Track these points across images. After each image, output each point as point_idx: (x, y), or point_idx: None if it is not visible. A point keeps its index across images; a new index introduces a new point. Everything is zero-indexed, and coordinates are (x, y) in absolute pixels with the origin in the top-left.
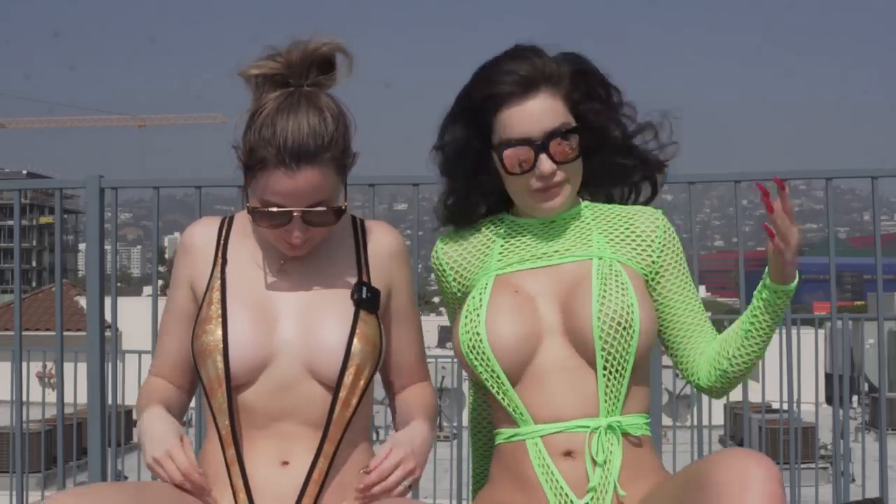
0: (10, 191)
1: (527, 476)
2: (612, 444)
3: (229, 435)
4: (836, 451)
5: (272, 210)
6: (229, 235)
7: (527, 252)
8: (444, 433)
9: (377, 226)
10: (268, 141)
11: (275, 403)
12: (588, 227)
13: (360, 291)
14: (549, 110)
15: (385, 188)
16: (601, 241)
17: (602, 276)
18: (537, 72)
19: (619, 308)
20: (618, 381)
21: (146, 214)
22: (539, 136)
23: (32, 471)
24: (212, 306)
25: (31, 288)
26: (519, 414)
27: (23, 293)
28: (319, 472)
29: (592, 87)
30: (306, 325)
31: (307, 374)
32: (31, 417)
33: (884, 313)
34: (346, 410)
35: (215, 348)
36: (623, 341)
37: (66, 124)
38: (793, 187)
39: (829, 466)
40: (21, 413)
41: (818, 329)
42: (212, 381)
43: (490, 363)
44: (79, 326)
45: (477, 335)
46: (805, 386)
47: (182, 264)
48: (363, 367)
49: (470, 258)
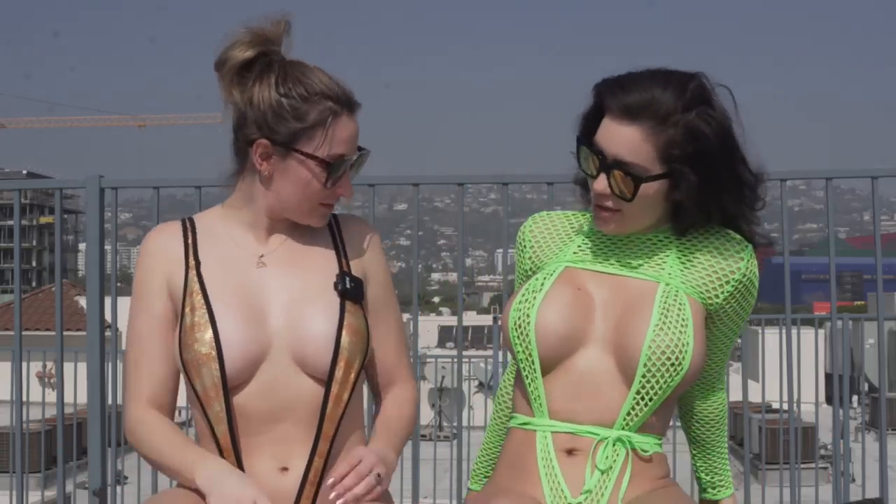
0: (10, 191)
1: (528, 468)
2: (617, 455)
3: (228, 443)
4: (836, 451)
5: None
6: (196, 237)
7: (602, 254)
8: (444, 433)
9: (350, 217)
10: (320, 95)
11: (269, 403)
12: (668, 248)
13: (343, 282)
14: (631, 143)
15: (385, 188)
16: (675, 265)
17: (665, 305)
18: (647, 107)
19: (672, 344)
20: (646, 407)
21: (146, 214)
22: (609, 157)
23: (32, 471)
24: (196, 312)
25: (31, 288)
26: (538, 405)
27: (23, 293)
28: (315, 471)
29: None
30: (294, 319)
31: (297, 369)
32: (31, 417)
33: (884, 313)
34: (338, 406)
35: (208, 356)
36: (668, 376)
37: (66, 124)
38: (793, 187)
39: (829, 466)
40: (21, 413)
41: (818, 329)
42: (207, 389)
43: (530, 346)
44: (79, 326)
45: (527, 316)
46: (805, 386)
47: (153, 270)
48: (352, 361)
49: (551, 241)
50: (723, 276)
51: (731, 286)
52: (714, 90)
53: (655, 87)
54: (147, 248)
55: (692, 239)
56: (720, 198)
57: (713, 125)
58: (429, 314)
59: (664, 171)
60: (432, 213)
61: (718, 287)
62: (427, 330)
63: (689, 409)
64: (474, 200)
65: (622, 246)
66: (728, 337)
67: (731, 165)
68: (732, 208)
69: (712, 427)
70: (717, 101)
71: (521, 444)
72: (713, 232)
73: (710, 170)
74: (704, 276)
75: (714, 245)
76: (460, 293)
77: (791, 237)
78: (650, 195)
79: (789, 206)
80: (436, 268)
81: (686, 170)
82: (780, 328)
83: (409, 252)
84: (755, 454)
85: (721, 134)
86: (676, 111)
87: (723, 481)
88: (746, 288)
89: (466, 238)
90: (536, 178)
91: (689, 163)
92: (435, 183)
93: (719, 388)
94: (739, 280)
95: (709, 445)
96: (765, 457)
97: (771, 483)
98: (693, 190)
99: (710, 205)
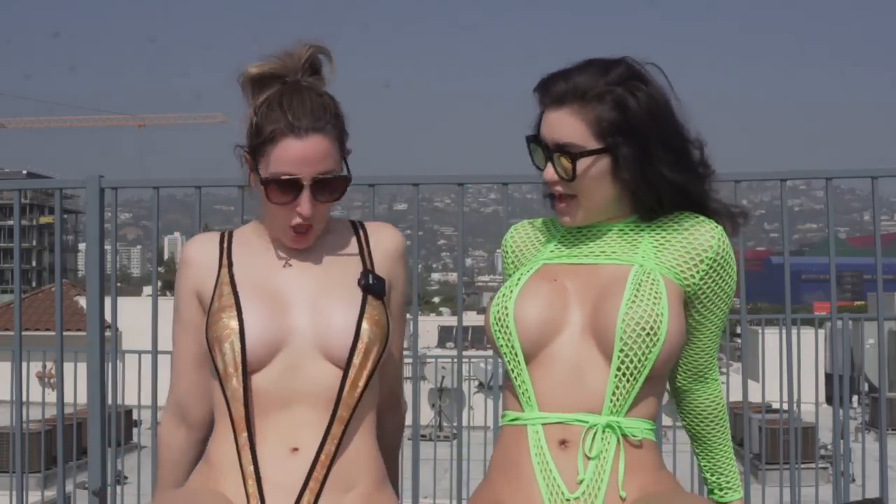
0: (10, 191)
1: (522, 466)
2: (608, 443)
3: (242, 420)
4: (836, 451)
5: (284, 178)
6: (231, 244)
7: (577, 249)
8: (444, 433)
9: (379, 225)
10: (276, 117)
11: (286, 385)
12: (640, 234)
13: (366, 278)
14: (563, 125)
15: (385, 188)
16: (648, 249)
17: (637, 281)
18: (572, 89)
19: (646, 314)
20: (629, 385)
21: (146, 214)
22: (550, 144)
23: (32, 471)
24: (223, 298)
25: (31, 288)
26: (527, 398)
27: (23, 293)
28: (327, 454)
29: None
30: (317, 310)
31: (318, 354)
32: (31, 417)
33: (884, 313)
34: (354, 390)
35: (232, 332)
36: (644, 346)
37: (66, 124)
38: (793, 187)
39: (829, 466)
40: (21, 413)
41: (818, 329)
42: (227, 366)
43: (511, 337)
44: (79, 326)
45: (505, 309)
46: (805, 386)
47: (185, 276)
48: (371, 347)
49: (530, 246)
50: (696, 255)
51: (706, 265)
52: (644, 68)
53: (579, 73)
54: (181, 257)
55: (664, 226)
56: (660, 168)
57: (639, 96)
58: (429, 314)
59: (600, 147)
60: (432, 213)
61: (693, 266)
62: (427, 330)
63: (684, 401)
64: (474, 200)
65: (596, 239)
66: (713, 322)
67: (664, 133)
68: (676, 177)
69: (709, 422)
70: (649, 77)
71: (513, 442)
72: (684, 217)
73: (643, 139)
74: (677, 256)
75: (685, 228)
76: (460, 293)
77: (791, 237)
78: (593, 174)
79: (789, 206)
80: (436, 268)
81: (619, 140)
82: (780, 328)
83: (409, 252)
84: (755, 454)
85: (649, 104)
86: (599, 87)
87: (730, 483)
88: (721, 266)
89: (466, 238)
90: (536, 178)
91: (622, 135)
92: (435, 183)
93: (712, 380)
94: (713, 258)
95: (708, 442)
96: (765, 457)
97: (771, 483)
98: (630, 162)
99: (653, 176)
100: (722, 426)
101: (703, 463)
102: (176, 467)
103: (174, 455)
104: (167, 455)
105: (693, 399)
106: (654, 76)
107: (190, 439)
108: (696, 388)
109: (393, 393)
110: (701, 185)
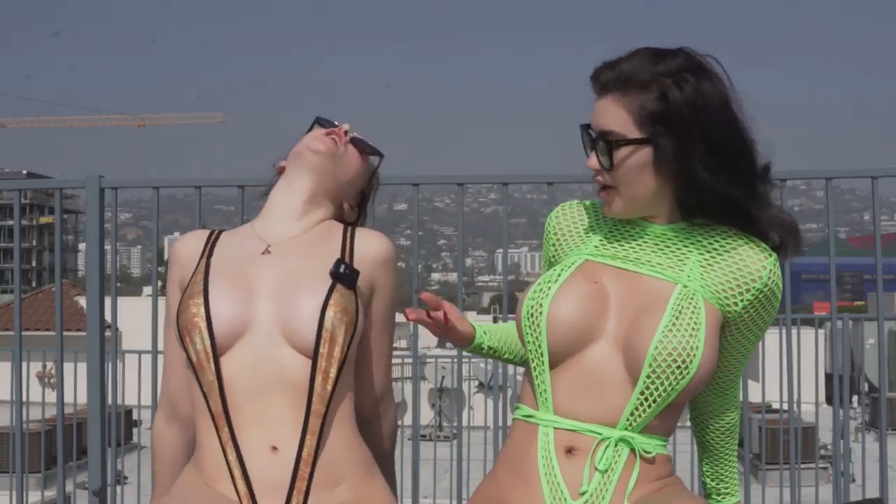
0: (10, 191)
1: (528, 467)
2: (619, 455)
3: (222, 415)
4: (836, 451)
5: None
6: (218, 239)
7: (622, 250)
8: (444, 433)
9: (369, 231)
10: None
11: (256, 375)
12: (689, 248)
13: (337, 266)
14: (606, 113)
15: (385, 188)
16: (696, 267)
17: (679, 306)
18: (619, 76)
19: (680, 347)
20: (651, 409)
21: (146, 214)
22: (595, 132)
23: (32, 471)
24: (195, 286)
25: (31, 288)
26: (543, 399)
27: (23, 293)
28: (309, 450)
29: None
30: (283, 297)
31: (283, 341)
32: (31, 417)
33: (884, 313)
34: (326, 382)
35: (200, 318)
36: (673, 379)
37: (66, 124)
38: (793, 187)
39: (829, 466)
40: (21, 413)
41: (818, 329)
42: (199, 355)
43: (540, 337)
44: (79, 326)
45: (539, 305)
46: (805, 386)
47: (171, 273)
48: (336, 333)
49: (575, 232)
50: (744, 283)
51: (752, 294)
52: (704, 60)
53: (627, 61)
54: (172, 252)
55: (715, 242)
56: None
57: (686, 89)
58: None
59: (641, 137)
60: (432, 213)
61: (738, 294)
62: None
63: (703, 415)
64: (474, 200)
65: (644, 243)
66: (745, 346)
67: (709, 132)
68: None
69: (722, 434)
70: (707, 73)
71: (523, 438)
72: (739, 237)
73: (684, 134)
74: (725, 281)
75: (738, 250)
76: (460, 293)
77: None
78: (632, 164)
79: (789, 206)
80: (436, 268)
81: (660, 131)
82: (780, 328)
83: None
84: (755, 454)
85: (695, 98)
86: (644, 75)
87: (728, 489)
88: (767, 298)
89: (466, 238)
90: (536, 178)
91: (664, 126)
92: (435, 183)
93: (733, 397)
94: (760, 290)
95: (718, 453)
96: (765, 457)
97: (771, 483)
98: (669, 156)
99: (692, 175)
100: (733, 439)
101: (706, 468)
102: (172, 467)
103: (168, 454)
104: (162, 454)
105: (711, 412)
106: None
107: (182, 436)
108: (716, 402)
109: (383, 399)
110: (751, 197)
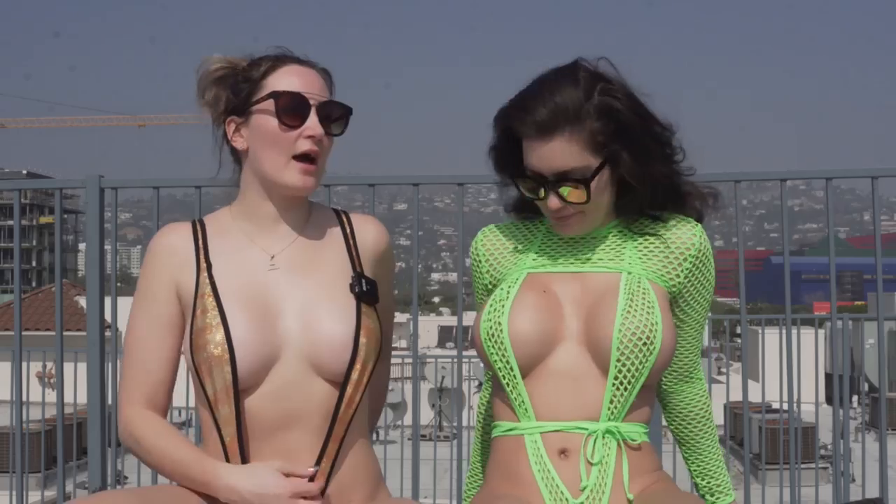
0: (10, 191)
1: (522, 474)
2: (608, 448)
3: (235, 444)
4: (836, 451)
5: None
6: (206, 238)
7: (561, 256)
8: (444, 433)
9: (364, 218)
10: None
11: (280, 406)
12: (623, 239)
13: (360, 284)
14: (562, 153)
15: (385, 188)
16: (633, 255)
17: (630, 291)
18: (557, 115)
19: (641, 325)
20: (626, 393)
21: (146, 214)
22: (550, 176)
23: (32, 471)
24: (207, 314)
25: (31, 288)
26: (523, 409)
27: (23, 293)
28: (321, 473)
29: (624, 127)
30: (308, 321)
31: (311, 371)
32: (31, 417)
33: (884, 313)
34: (350, 408)
35: (221, 358)
36: (641, 356)
37: (66, 124)
38: (793, 187)
39: (829, 466)
40: (21, 413)
41: (818, 329)
42: (218, 392)
43: (506, 353)
44: (79, 326)
45: (498, 324)
46: (805, 386)
47: (159, 272)
48: (368, 362)
49: (506, 252)
50: (680, 255)
51: (690, 262)
52: (598, 65)
53: (553, 94)
54: (154, 248)
55: (644, 230)
56: (656, 161)
57: (618, 96)
58: (429, 314)
59: (602, 161)
60: (432, 213)
61: (678, 266)
62: (427, 330)
63: (670, 403)
64: (474, 200)
65: (579, 245)
66: (696, 319)
67: (649, 125)
68: (667, 168)
69: (696, 423)
70: (609, 73)
71: (511, 451)
72: (662, 218)
73: (636, 138)
74: (662, 258)
75: (667, 228)
76: (460, 293)
77: (791, 237)
78: (601, 188)
79: (789, 206)
80: (436, 268)
81: (616, 148)
82: (780, 328)
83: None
84: (755, 454)
85: (629, 101)
86: (582, 103)
87: (720, 486)
88: (703, 262)
89: (466, 238)
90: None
91: (618, 142)
92: (435, 183)
93: (696, 379)
94: (696, 255)
95: (696, 445)
96: (765, 457)
97: (771, 483)
98: (630, 165)
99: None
100: (708, 427)
101: (692, 467)
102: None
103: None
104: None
105: (679, 400)
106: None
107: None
108: (682, 389)
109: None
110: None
